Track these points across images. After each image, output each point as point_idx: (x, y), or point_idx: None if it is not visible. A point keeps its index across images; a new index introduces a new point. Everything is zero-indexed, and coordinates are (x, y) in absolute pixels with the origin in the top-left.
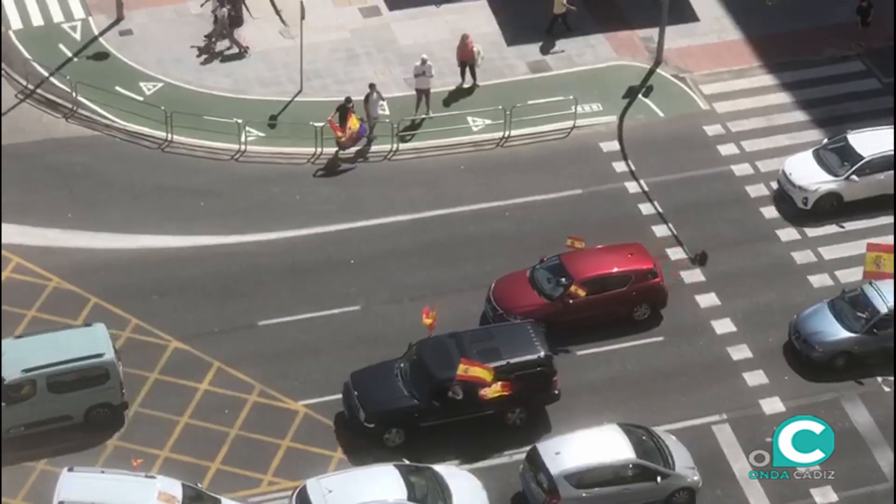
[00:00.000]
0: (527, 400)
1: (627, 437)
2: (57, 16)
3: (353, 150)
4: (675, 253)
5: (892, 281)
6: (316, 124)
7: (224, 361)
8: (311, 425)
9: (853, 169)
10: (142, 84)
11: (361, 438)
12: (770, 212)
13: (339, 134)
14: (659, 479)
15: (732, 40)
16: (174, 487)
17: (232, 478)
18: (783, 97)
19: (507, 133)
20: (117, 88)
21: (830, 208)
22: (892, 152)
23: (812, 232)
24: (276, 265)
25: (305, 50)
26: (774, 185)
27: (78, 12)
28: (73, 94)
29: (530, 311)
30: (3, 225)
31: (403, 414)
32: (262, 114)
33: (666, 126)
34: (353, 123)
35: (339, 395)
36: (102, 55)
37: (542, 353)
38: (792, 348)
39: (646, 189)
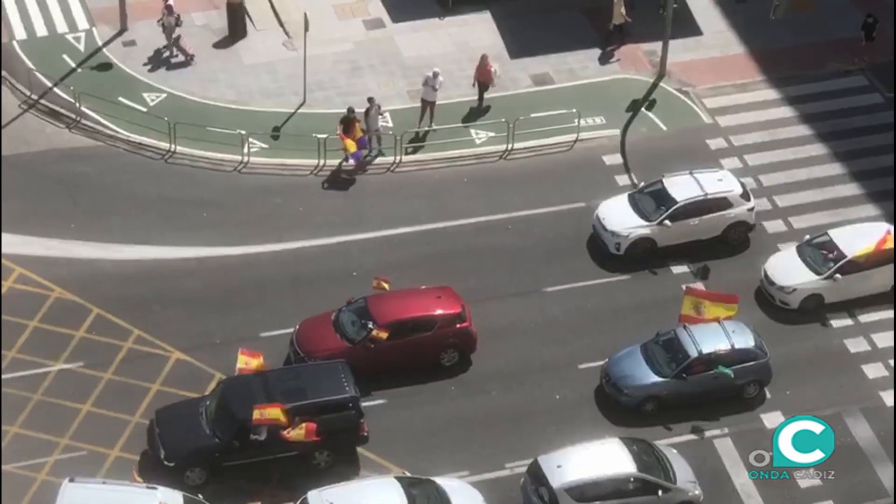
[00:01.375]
0: (333, 441)
1: (629, 450)
2: (61, 26)
3: (353, 162)
4: (678, 266)
5: (711, 324)
6: (319, 136)
7: (226, 373)
8: None
9: (666, 214)
10: (145, 95)
11: (164, 477)
12: (773, 226)
13: (348, 142)
14: (660, 492)
15: (736, 54)
16: (175, 498)
17: (233, 490)
18: (786, 111)
19: (510, 146)
20: (121, 99)
21: (643, 254)
22: (709, 196)
23: None
24: (279, 277)
25: (309, 62)
26: (777, 199)
27: (82, 23)
28: (77, 105)
29: (332, 354)
30: (7, 235)
31: (204, 453)
32: (266, 125)
33: (669, 140)
34: (357, 133)
35: None
36: (106, 66)
37: (349, 394)
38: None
39: None
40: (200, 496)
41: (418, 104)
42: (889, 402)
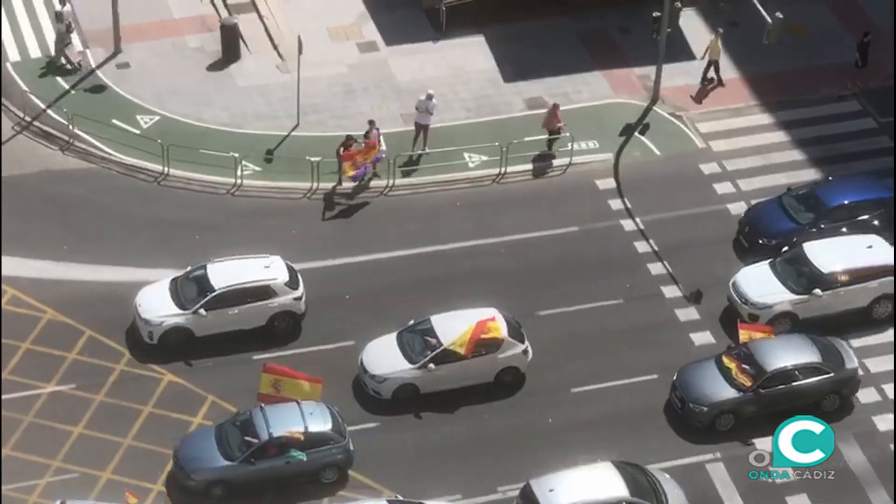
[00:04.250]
0: None
1: (621, 474)
2: (55, 48)
3: (350, 184)
4: (671, 291)
5: (288, 405)
6: (313, 159)
7: (218, 395)
8: None
9: (202, 302)
10: (139, 117)
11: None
12: None
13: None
14: None
15: (729, 79)
16: None
17: None
18: (779, 136)
19: (503, 170)
20: (114, 121)
21: (178, 344)
22: (249, 284)
23: None
24: None
25: (303, 84)
26: None
27: (76, 45)
28: (71, 127)
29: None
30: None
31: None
32: (259, 148)
33: (662, 164)
34: (373, 153)
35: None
36: (100, 88)
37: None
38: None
39: (641, 227)
40: None
41: (411, 127)
42: (882, 427)
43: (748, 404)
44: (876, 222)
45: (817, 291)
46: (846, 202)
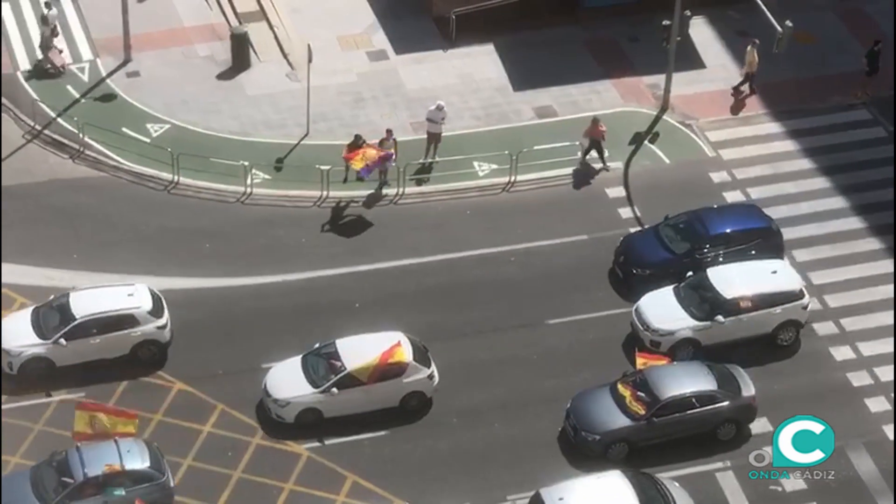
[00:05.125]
0: None
1: (631, 483)
2: (66, 57)
3: (359, 192)
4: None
5: (106, 443)
6: (322, 167)
7: (228, 404)
8: (314, 468)
9: (64, 331)
10: (148, 126)
11: None
12: None
13: (354, 161)
14: None
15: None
16: None
17: None
18: (789, 145)
19: (512, 178)
20: (124, 130)
21: (39, 375)
22: (111, 313)
23: (817, 279)
24: (281, 308)
25: (312, 93)
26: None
27: (86, 54)
28: (81, 136)
29: None
30: (8, 265)
31: None
32: (269, 157)
33: (672, 172)
34: (371, 154)
35: (343, 438)
36: (110, 96)
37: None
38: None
39: None
40: None
41: (421, 136)
42: (892, 435)
43: (642, 433)
44: (753, 252)
45: (719, 318)
46: (722, 232)
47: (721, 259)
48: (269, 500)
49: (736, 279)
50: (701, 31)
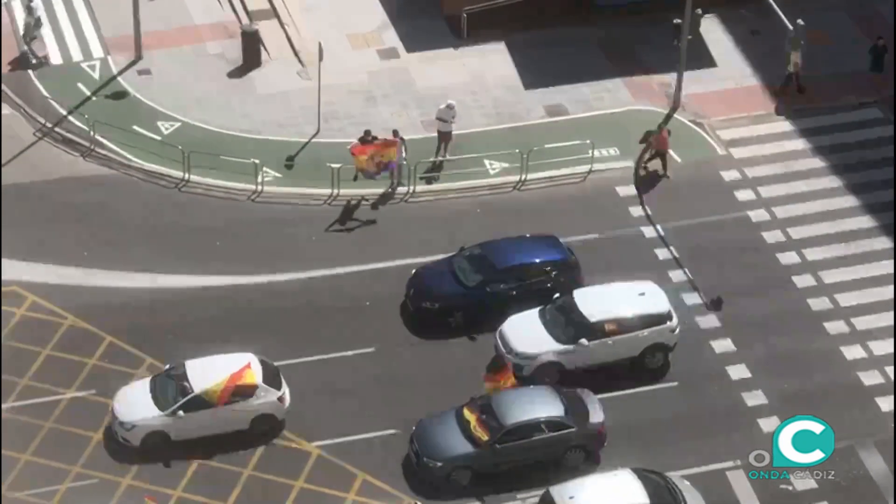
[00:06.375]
0: None
1: (642, 482)
2: (76, 55)
3: (370, 191)
4: (691, 298)
5: None
6: (333, 165)
7: None
8: (324, 467)
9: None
10: (159, 123)
11: None
12: (786, 258)
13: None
14: None
15: (750, 86)
16: None
17: None
18: (800, 143)
19: (523, 177)
20: (135, 128)
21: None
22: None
23: (828, 278)
24: (292, 306)
25: (323, 91)
26: (791, 231)
27: (97, 51)
28: (91, 133)
29: None
30: (20, 263)
31: None
32: (280, 155)
33: (683, 171)
34: (392, 154)
35: (354, 437)
36: (121, 94)
37: None
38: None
39: (662, 234)
40: None
41: (432, 134)
42: None
43: (485, 459)
44: (549, 285)
45: (583, 341)
46: (515, 264)
47: (514, 293)
48: (280, 499)
49: (602, 301)
50: (713, 30)
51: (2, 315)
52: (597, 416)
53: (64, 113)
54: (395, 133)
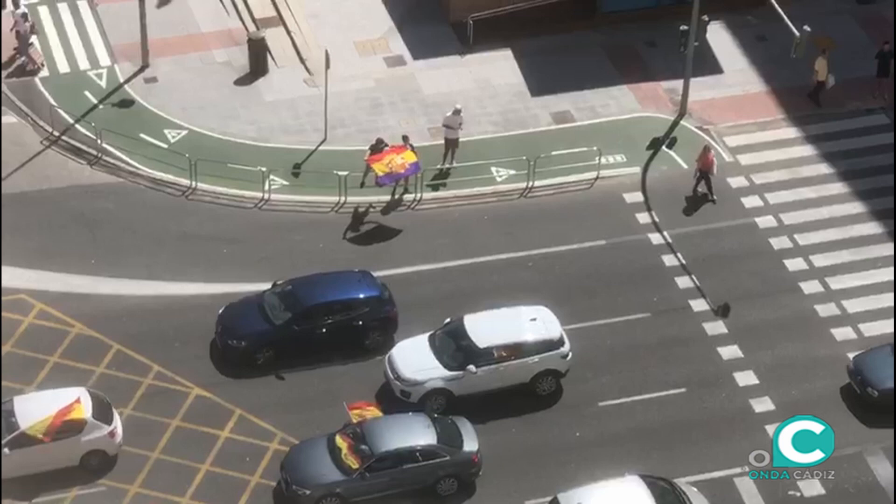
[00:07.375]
0: None
1: (649, 488)
2: (83, 63)
3: (376, 198)
4: (698, 304)
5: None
6: (340, 173)
7: (246, 409)
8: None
9: None
10: (166, 131)
11: None
12: (793, 264)
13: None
14: None
15: (756, 92)
16: None
17: None
18: (807, 150)
19: (530, 183)
20: (142, 135)
21: None
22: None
23: (835, 284)
24: None
25: (330, 99)
26: (798, 237)
27: (104, 59)
28: (98, 141)
29: None
30: (27, 271)
31: None
32: (287, 162)
33: (689, 178)
34: (409, 156)
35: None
36: (128, 102)
37: None
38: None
39: (669, 240)
40: None
41: (439, 142)
42: None
43: (355, 488)
44: (360, 323)
45: (471, 367)
46: (321, 302)
47: (323, 331)
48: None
49: (492, 327)
50: (719, 36)
51: (2, 323)
52: (471, 444)
53: (71, 121)
54: (405, 139)
